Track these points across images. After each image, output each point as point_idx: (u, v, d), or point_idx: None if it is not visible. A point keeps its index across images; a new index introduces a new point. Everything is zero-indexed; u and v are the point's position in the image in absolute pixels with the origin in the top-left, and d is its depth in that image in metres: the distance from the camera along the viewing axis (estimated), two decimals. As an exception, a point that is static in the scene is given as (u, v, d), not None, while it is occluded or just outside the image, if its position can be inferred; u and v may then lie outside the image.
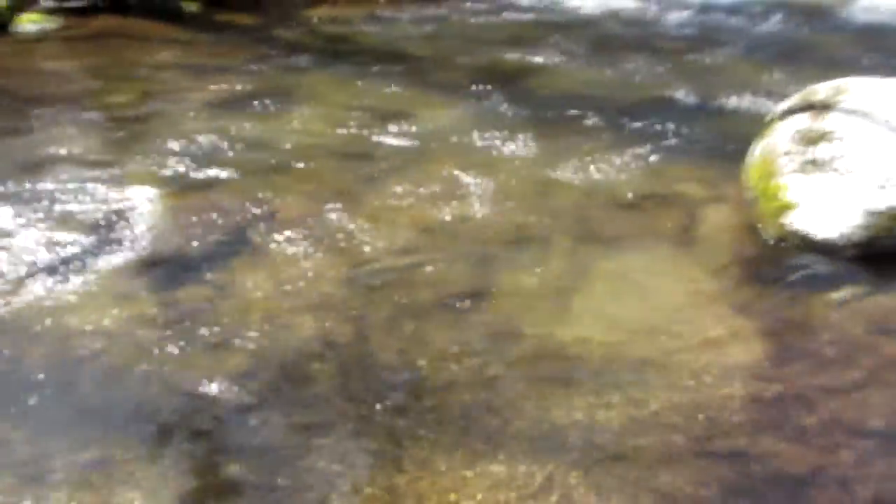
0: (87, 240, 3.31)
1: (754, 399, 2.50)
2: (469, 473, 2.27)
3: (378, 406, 2.50)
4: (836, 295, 3.00)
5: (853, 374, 2.61)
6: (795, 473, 2.25)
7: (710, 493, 2.18)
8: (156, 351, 2.71)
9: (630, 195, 3.63)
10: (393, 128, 4.34)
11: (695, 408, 2.47)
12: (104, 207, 3.52)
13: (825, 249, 3.16)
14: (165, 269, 3.15)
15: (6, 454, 2.34)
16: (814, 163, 3.37)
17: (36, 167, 3.93)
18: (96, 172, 3.85)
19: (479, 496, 2.20)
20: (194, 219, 3.44)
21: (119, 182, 3.72)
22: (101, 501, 2.17)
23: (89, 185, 3.70)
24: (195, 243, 3.29)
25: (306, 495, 2.21)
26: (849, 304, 2.94)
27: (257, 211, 3.52)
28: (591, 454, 2.32)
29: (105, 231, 3.36)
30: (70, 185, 3.73)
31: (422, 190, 3.68)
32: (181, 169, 3.85)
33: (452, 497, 2.21)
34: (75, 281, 3.07)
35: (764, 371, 2.63)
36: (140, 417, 2.47)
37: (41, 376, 2.62)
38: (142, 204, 3.54)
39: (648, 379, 2.59)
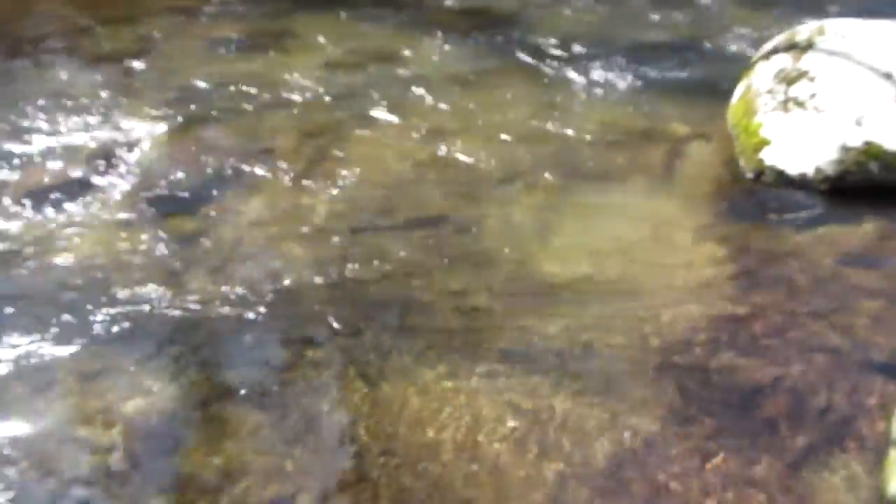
0: (84, 173, 3.42)
1: (721, 319, 2.65)
2: (450, 384, 2.43)
3: (365, 325, 2.65)
4: (808, 226, 3.12)
5: (818, 300, 2.75)
6: (752, 385, 2.40)
7: (671, 400, 2.34)
8: (152, 274, 2.85)
9: (616, 133, 3.72)
10: (384, 68, 4.40)
11: (664, 326, 2.61)
12: (101, 144, 3.62)
13: (800, 183, 3.28)
14: (162, 200, 3.27)
15: (16, 369, 2.49)
16: (793, 101, 3.46)
17: (33, 106, 4.00)
18: (93, 111, 3.92)
19: (460, 405, 2.36)
20: (189, 154, 3.54)
21: (115, 120, 3.81)
22: (106, 404, 2.34)
23: (86, 123, 3.79)
24: (190, 176, 3.40)
25: (296, 402, 2.37)
26: (819, 235, 3.07)
27: (251, 147, 3.61)
28: (565, 368, 2.47)
29: (102, 165, 3.46)
30: (67, 123, 3.81)
31: (411, 128, 3.77)
32: (176, 108, 3.92)
33: (435, 405, 2.36)
34: (73, 211, 3.19)
35: (733, 295, 2.77)
36: (139, 334, 2.61)
37: (46, 299, 2.76)
38: (138, 140, 3.63)
39: (624, 302, 2.73)
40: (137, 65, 4.52)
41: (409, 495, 2.11)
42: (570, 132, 3.77)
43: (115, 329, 2.62)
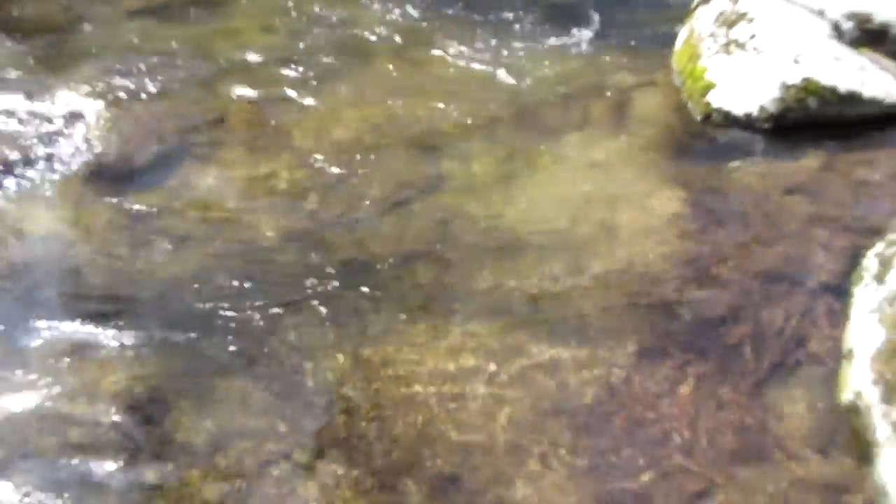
0: (35, 151, 3.31)
1: (680, 256, 2.78)
2: (429, 339, 2.50)
3: (340, 288, 2.69)
4: (755, 163, 3.27)
5: (769, 231, 2.90)
6: (716, 315, 2.55)
7: (640, 336, 2.47)
8: (118, 249, 2.82)
9: (566, 86, 3.79)
10: (335, 29, 4.35)
11: (631, 268, 2.73)
12: (48, 120, 3.51)
13: (746, 123, 3.42)
14: (117, 175, 3.21)
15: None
16: (734, 43, 3.58)
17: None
18: (29, 86, 3.79)
19: (441, 357, 2.43)
20: (142, 127, 3.47)
21: (60, 95, 3.68)
22: (87, 379, 2.34)
23: (30, 100, 3.66)
24: (145, 150, 3.34)
25: (280, 365, 2.41)
26: (766, 170, 3.22)
27: (204, 117, 3.56)
28: (538, 315, 2.57)
29: (52, 142, 3.37)
30: (10, 101, 3.68)
31: (365, 89, 3.76)
32: (122, 79, 3.82)
33: (416, 359, 2.44)
34: (27, 190, 3.11)
35: (689, 232, 2.90)
36: (110, 309, 2.60)
37: (6, 279, 2.71)
38: (86, 115, 3.53)
39: (589, 248, 2.83)
40: (69, 36, 4.35)
41: (400, 445, 2.19)
42: (521, 88, 3.82)
43: (82, 306, 2.60)
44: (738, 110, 3.43)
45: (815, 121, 3.39)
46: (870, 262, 2.52)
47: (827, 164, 3.24)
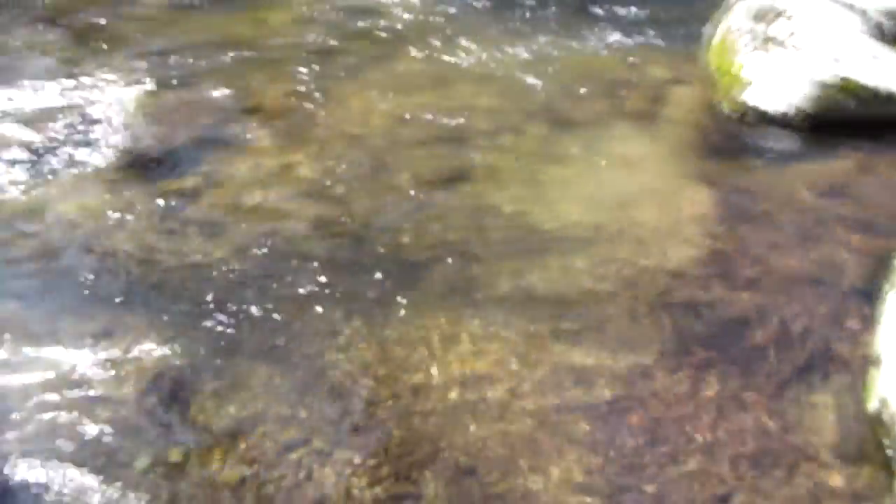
0: (72, 137, 3.40)
1: (707, 256, 2.74)
2: (452, 331, 2.50)
3: (366, 277, 2.71)
4: (789, 163, 3.21)
5: (800, 232, 2.85)
6: (742, 316, 2.51)
7: (664, 336, 2.44)
8: (150, 235, 2.88)
9: (596, 81, 3.77)
10: (367, 21, 4.38)
11: (656, 267, 2.71)
12: (85, 106, 3.59)
13: (780, 121, 3.36)
14: (151, 162, 3.27)
15: (23, 330, 2.53)
16: (771, 40, 3.52)
17: (13, 72, 3.95)
18: (74, 74, 3.88)
19: (462, 350, 2.44)
20: (178, 114, 3.53)
21: (97, 83, 3.77)
22: (116, 361, 2.39)
23: (68, 87, 3.75)
24: (180, 137, 3.40)
25: (304, 353, 2.44)
26: (799, 170, 3.17)
27: (239, 105, 3.61)
28: (561, 311, 2.56)
29: (90, 127, 3.44)
30: (51, 88, 3.77)
31: (397, 82, 3.78)
32: (160, 68, 3.89)
33: (438, 351, 2.44)
34: (65, 175, 3.19)
35: (718, 232, 2.86)
36: (141, 293, 2.65)
37: (42, 262, 2.78)
38: (122, 102, 3.61)
39: (614, 244, 2.81)
40: (106, 25, 4.43)
41: (418, 435, 2.20)
42: (552, 82, 3.81)
43: (112, 291, 2.65)
44: (773, 109, 3.37)
45: (852, 121, 3.32)
46: (903, 266, 2.47)
47: (863, 165, 3.17)
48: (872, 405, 2.13)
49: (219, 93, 3.71)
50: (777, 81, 3.40)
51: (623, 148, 3.31)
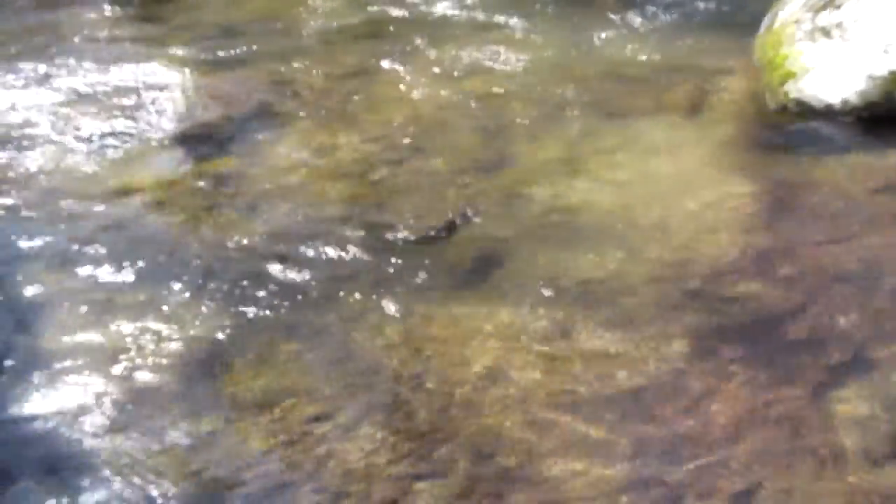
0: (120, 115, 3.52)
1: (746, 250, 2.69)
2: (480, 315, 2.51)
3: (398, 260, 2.74)
4: (834, 157, 3.12)
5: (844, 228, 2.77)
6: (778, 313, 2.45)
7: (696, 329, 2.41)
8: (192, 212, 2.96)
9: (640, 69, 3.72)
10: (410, 8, 4.39)
11: (691, 260, 2.67)
12: (135, 85, 3.71)
13: (827, 114, 3.26)
14: (197, 140, 3.36)
15: (80, 297, 2.63)
16: (819, 30, 3.41)
17: (57, 51, 4.08)
18: (124, 54, 4.00)
19: (489, 334, 2.45)
20: (221, 95, 3.62)
21: (148, 62, 3.87)
22: (152, 336, 2.47)
23: (119, 66, 3.87)
24: (224, 117, 3.49)
25: (333, 331, 2.48)
26: (846, 165, 3.07)
27: (281, 88, 3.68)
28: (590, 300, 2.54)
29: (137, 107, 3.56)
30: (102, 67, 3.89)
31: (439, 67, 3.79)
32: (207, 50, 3.98)
33: (464, 334, 2.46)
34: (111, 152, 3.30)
35: (759, 226, 2.80)
36: (183, 268, 2.73)
37: (90, 236, 2.89)
38: (169, 84, 3.71)
39: (649, 236, 2.78)
40: (153, 8, 4.54)
41: (441, 417, 2.22)
42: (596, 69, 3.77)
43: (156, 264, 2.74)
44: (820, 101, 3.28)
45: (904, 116, 3.21)
46: (949, 267, 2.38)
47: (915, 162, 3.06)
48: (907, 407, 2.08)
49: (263, 73, 3.78)
50: (825, 73, 3.30)
51: (665, 139, 3.26)
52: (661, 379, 2.27)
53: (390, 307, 2.57)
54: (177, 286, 2.65)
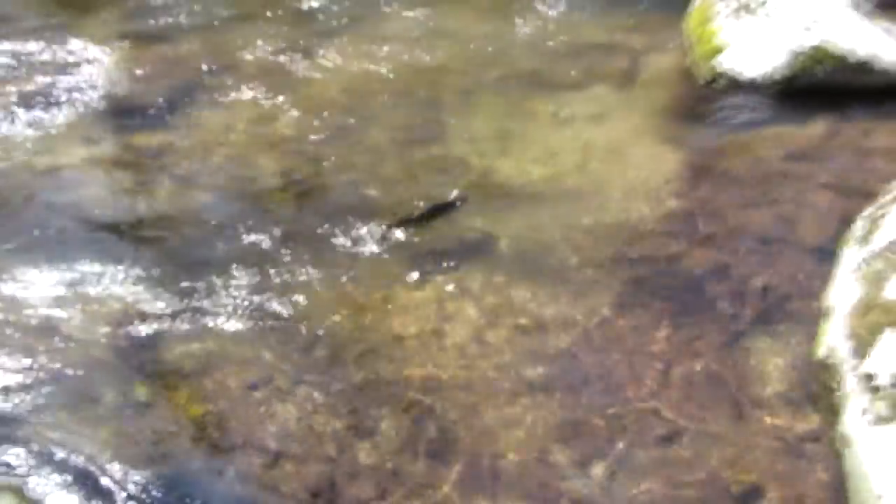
0: (51, 90, 3.41)
1: (672, 213, 2.79)
2: (417, 281, 2.54)
3: (336, 229, 2.74)
4: (758, 127, 3.25)
5: (764, 192, 2.90)
6: (701, 271, 2.56)
7: (624, 288, 2.50)
8: (124, 184, 2.91)
9: (575, 45, 3.79)
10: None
11: (620, 223, 2.75)
12: (63, 61, 3.60)
13: (752, 87, 3.39)
14: (128, 114, 3.30)
15: (7, 275, 2.58)
16: (744, 8, 3.54)
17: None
18: (52, 29, 3.88)
19: (426, 299, 2.48)
20: (154, 68, 3.55)
21: (77, 38, 3.77)
22: (87, 307, 2.42)
23: (46, 42, 3.75)
24: (156, 90, 3.43)
25: (272, 299, 2.48)
26: (768, 134, 3.20)
27: (215, 61, 3.63)
28: (525, 262, 2.61)
29: (67, 82, 3.46)
30: (29, 43, 3.77)
31: (374, 43, 3.80)
32: (136, 24, 3.90)
33: (402, 299, 2.48)
34: (42, 126, 3.21)
35: (685, 191, 2.91)
36: (116, 242, 2.69)
37: (19, 211, 2.81)
38: (101, 57, 3.62)
39: (580, 200, 2.86)
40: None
41: (379, 377, 2.25)
42: (529, 46, 3.83)
43: (87, 238, 2.69)
44: (745, 75, 3.41)
45: (823, 88, 3.36)
46: (858, 224, 2.52)
47: (831, 131, 3.22)
48: (820, 353, 2.20)
49: (197, 49, 3.72)
50: (749, 48, 3.44)
51: (597, 109, 3.35)
52: (593, 332, 2.35)
53: (330, 275, 2.58)
54: (109, 258, 2.60)
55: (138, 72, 3.55)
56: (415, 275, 2.58)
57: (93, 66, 3.59)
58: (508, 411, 2.14)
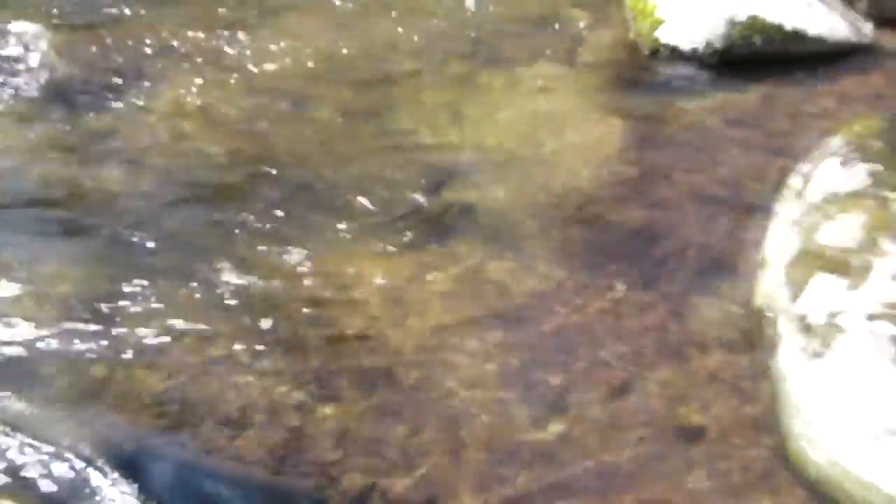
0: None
1: (619, 179, 2.88)
2: (370, 252, 2.58)
3: (286, 206, 2.76)
4: (699, 96, 3.37)
5: (705, 156, 3.01)
6: (647, 232, 2.66)
7: (575, 250, 2.58)
8: (68, 168, 2.87)
9: (518, 18, 3.86)
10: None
11: (568, 188, 2.83)
12: (2, 45, 3.52)
13: (692, 58, 3.51)
14: (68, 97, 3.24)
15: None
16: (683, -22, 3.66)
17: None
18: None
19: (381, 269, 2.52)
20: (93, 51, 3.49)
21: (14, 22, 3.67)
22: (36, 290, 2.41)
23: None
24: (96, 73, 3.37)
25: (227, 275, 2.49)
26: (708, 103, 3.32)
27: (155, 42, 3.59)
28: (476, 228, 2.67)
29: (5, 66, 3.38)
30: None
31: (320, 20, 3.80)
32: (75, 7, 3.82)
33: (355, 271, 2.52)
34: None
35: (631, 157, 3.00)
36: (59, 223, 2.66)
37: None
38: (40, 41, 3.54)
39: (528, 168, 2.93)
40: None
41: (338, 346, 2.29)
42: (473, 19, 3.88)
43: (36, 219, 2.66)
44: (685, 46, 3.52)
45: (759, 57, 3.49)
46: (794, 180, 2.64)
47: (768, 97, 3.35)
48: (759, 301, 2.31)
49: (139, 31, 3.67)
50: (689, 19, 3.55)
51: (542, 81, 3.42)
52: (545, 293, 2.42)
53: (282, 251, 2.59)
54: (56, 241, 2.58)
55: (78, 53, 3.49)
56: (364, 241, 2.61)
57: (32, 50, 3.52)
58: (467, 372, 2.20)
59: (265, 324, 2.35)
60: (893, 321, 1.94)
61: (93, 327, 2.32)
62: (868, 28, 3.68)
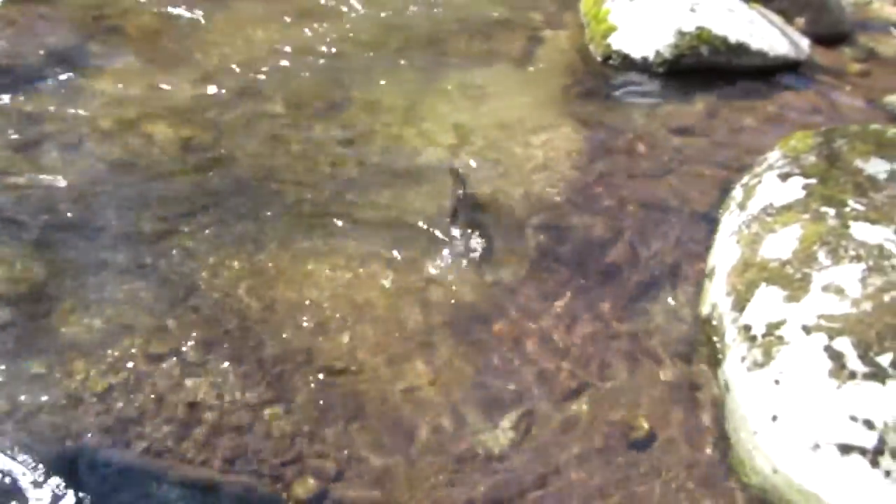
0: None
1: (570, 185, 2.92)
2: (326, 250, 2.55)
3: (238, 200, 2.69)
4: (648, 103, 3.45)
5: (653, 165, 3.09)
6: (597, 239, 2.71)
7: (528, 254, 2.60)
8: (2, 152, 2.73)
9: (476, 22, 3.86)
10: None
11: (521, 194, 2.85)
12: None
13: (642, 66, 3.58)
14: (8, 78, 3.07)
15: None
16: (633, -12, 3.73)
17: None
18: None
19: (337, 266, 2.49)
20: (32, 31, 3.32)
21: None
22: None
23: None
24: (35, 55, 3.20)
25: (174, 269, 2.42)
26: (657, 111, 3.40)
27: (100, 24, 3.44)
28: (431, 231, 2.65)
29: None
30: None
31: (277, 11, 3.71)
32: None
33: (311, 268, 2.49)
34: None
35: (580, 164, 3.04)
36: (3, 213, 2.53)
37: None
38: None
39: (481, 173, 2.93)
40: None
41: (290, 344, 2.25)
42: (430, 20, 3.86)
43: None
44: (636, 54, 3.59)
45: (706, 67, 3.60)
46: (736, 192, 2.74)
47: (712, 108, 3.45)
48: (705, 310, 2.39)
49: (78, 10, 3.51)
50: (640, 28, 3.62)
51: (499, 86, 3.43)
52: (500, 299, 2.44)
53: (233, 246, 2.53)
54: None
55: (16, 34, 3.31)
56: (320, 242, 2.58)
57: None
58: (417, 375, 2.20)
59: (215, 323, 2.29)
60: (829, 333, 2.04)
61: (28, 322, 2.22)
62: (806, 44, 3.84)
